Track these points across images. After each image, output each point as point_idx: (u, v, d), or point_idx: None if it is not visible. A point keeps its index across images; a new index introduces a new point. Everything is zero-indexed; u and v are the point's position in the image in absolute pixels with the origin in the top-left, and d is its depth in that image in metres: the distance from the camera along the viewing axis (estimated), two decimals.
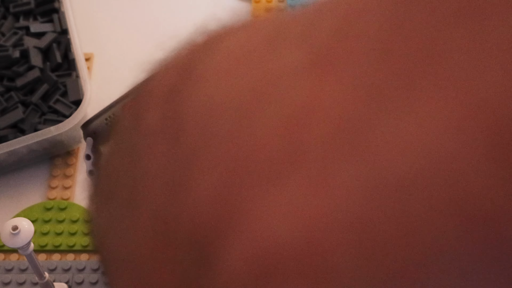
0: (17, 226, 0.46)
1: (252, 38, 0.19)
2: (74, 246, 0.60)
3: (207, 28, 0.23)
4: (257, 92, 0.17)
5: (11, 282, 0.58)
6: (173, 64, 0.21)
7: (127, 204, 0.19)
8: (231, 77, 0.18)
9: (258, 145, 0.16)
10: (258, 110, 0.16)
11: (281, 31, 0.18)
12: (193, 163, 0.17)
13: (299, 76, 0.16)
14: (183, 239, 0.17)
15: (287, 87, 0.16)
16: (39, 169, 0.65)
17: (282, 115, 0.16)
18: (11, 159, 0.63)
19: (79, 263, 0.59)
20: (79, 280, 0.58)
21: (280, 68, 0.17)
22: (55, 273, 0.58)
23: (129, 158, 0.20)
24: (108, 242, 0.21)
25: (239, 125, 0.17)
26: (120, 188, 0.20)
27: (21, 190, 0.64)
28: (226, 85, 0.18)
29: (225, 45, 0.20)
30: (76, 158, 0.65)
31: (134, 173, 0.19)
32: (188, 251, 0.17)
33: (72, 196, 0.63)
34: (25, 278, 0.58)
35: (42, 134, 0.61)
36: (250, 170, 0.16)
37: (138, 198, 0.19)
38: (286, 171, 0.16)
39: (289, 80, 0.16)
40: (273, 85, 0.17)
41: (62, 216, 0.61)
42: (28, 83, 0.66)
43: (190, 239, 0.17)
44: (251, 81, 0.17)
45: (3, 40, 0.68)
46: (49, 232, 0.61)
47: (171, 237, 0.17)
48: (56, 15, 0.70)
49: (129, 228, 0.19)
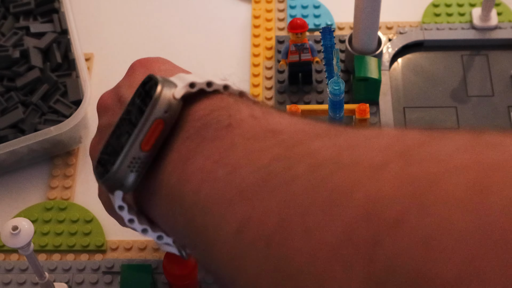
0: (17, 226, 0.46)
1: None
2: (74, 246, 0.60)
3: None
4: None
5: (11, 282, 0.58)
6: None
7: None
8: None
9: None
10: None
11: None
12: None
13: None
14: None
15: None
16: (39, 169, 0.65)
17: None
18: (11, 159, 0.63)
19: (79, 263, 0.59)
20: (79, 280, 0.58)
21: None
22: (55, 273, 0.58)
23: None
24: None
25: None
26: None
27: (21, 190, 0.64)
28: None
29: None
30: (76, 158, 0.65)
31: None
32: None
33: (72, 196, 0.63)
34: (25, 278, 0.58)
35: (42, 134, 0.61)
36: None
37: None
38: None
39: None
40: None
41: (62, 216, 0.61)
42: (28, 83, 0.66)
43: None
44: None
45: (3, 40, 0.68)
46: (49, 232, 0.61)
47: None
48: (56, 15, 0.70)
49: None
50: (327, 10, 0.73)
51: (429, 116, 0.66)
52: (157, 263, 0.57)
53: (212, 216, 0.30)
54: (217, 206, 0.30)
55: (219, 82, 0.36)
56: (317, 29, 0.72)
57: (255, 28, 0.73)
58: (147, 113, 0.35)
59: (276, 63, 0.70)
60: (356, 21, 0.64)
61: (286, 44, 0.66)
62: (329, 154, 0.27)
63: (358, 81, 0.64)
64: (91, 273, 0.58)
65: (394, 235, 0.22)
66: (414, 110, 0.66)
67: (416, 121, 0.65)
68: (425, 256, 0.21)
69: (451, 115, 0.66)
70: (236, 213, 0.29)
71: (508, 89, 0.67)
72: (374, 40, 0.66)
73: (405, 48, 0.70)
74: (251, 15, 0.74)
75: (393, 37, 0.70)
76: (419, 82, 0.68)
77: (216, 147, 0.32)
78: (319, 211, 0.25)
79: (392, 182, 0.23)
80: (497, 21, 0.70)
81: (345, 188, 0.25)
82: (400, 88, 0.67)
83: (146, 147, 0.35)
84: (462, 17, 0.71)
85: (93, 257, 0.59)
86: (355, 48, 0.66)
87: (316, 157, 0.27)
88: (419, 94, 0.67)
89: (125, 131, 0.36)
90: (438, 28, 0.71)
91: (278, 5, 0.74)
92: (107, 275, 0.58)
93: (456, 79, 0.68)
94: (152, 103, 0.35)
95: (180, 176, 0.33)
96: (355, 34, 0.66)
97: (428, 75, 0.68)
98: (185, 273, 0.52)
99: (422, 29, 0.71)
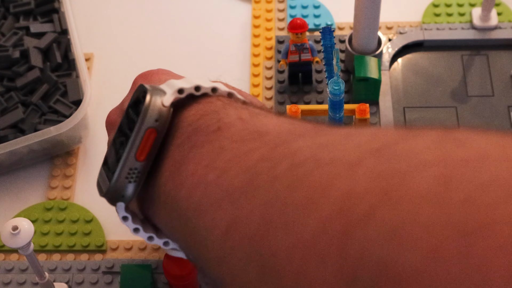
0: (17, 226, 0.46)
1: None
2: (74, 246, 0.60)
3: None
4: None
5: (11, 282, 0.58)
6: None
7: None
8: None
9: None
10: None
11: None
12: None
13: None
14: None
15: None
16: (39, 169, 0.65)
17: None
18: (11, 159, 0.63)
19: (79, 263, 0.59)
20: (79, 280, 0.58)
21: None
22: (55, 273, 0.58)
23: None
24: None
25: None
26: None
27: (21, 190, 0.64)
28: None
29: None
30: (76, 158, 0.65)
31: None
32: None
33: (72, 196, 0.63)
34: (25, 278, 0.58)
35: (42, 134, 0.61)
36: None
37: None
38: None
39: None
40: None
41: (62, 216, 0.61)
42: (28, 83, 0.66)
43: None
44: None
45: (3, 40, 0.68)
46: (49, 232, 0.61)
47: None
48: (56, 15, 0.70)
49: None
50: (327, 10, 0.73)
51: (429, 116, 0.66)
52: (157, 263, 0.57)
53: (203, 220, 0.32)
54: (208, 209, 0.31)
55: (207, 85, 0.37)
56: (317, 29, 0.72)
57: (255, 28, 0.73)
58: (138, 124, 0.36)
59: (276, 63, 0.70)
60: (356, 21, 0.64)
61: (286, 44, 0.66)
62: (309, 153, 0.28)
63: (358, 81, 0.64)
64: (91, 273, 0.58)
65: (364, 228, 0.23)
66: (414, 110, 0.66)
67: (416, 121, 0.65)
68: (392, 247, 0.22)
69: (451, 115, 0.66)
70: (224, 215, 0.30)
71: (508, 89, 0.67)
72: (374, 40, 0.66)
73: (405, 48, 0.70)
74: (251, 15, 0.74)
75: (393, 37, 0.70)
76: (419, 82, 0.68)
77: (206, 152, 0.33)
78: (297, 208, 0.27)
79: (365, 178, 0.25)
80: (497, 21, 0.70)
81: (322, 185, 0.26)
82: (400, 88, 0.67)
83: (141, 157, 0.36)
84: (462, 17, 0.71)
85: (93, 257, 0.59)
86: (355, 48, 0.66)
87: (298, 156, 0.28)
88: (419, 94, 0.67)
89: (120, 143, 0.37)
90: (438, 28, 0.71)
91: (278, 5, 0.74)
92: (107, 275, 0.58)
93: (456, 79, 0.68)
94: (143, 113, 0.36)
95: (174, 182, 0.34)
96: (355, 34, 0.66)
97: (428, 75, 0.68)
98: (185, 273, 0.52)
99: (422, 29, 0.71)
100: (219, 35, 0.73)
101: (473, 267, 0.20)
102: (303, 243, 0.25)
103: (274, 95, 0.68)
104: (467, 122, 0.65)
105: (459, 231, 0.21)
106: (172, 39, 0.73)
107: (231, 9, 0.75)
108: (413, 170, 0.24)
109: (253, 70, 0.69)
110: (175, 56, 0.72)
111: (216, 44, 0.72)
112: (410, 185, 0.23)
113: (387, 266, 0.22)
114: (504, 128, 0.65)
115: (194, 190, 0.33)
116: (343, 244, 0.24)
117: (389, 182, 0.24)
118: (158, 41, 0.73)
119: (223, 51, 0.72)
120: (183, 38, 0.73)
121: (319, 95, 0.67)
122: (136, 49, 0.72)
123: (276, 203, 0.28)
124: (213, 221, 0.31)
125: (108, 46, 0.73)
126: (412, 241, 0.22)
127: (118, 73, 0.71)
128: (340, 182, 0.26)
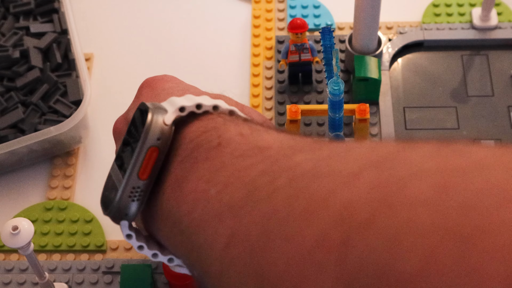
0: (17, 226, 0.46)
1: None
2: (74, 246, 0.60)
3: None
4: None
5: (11, 282, 0.58)
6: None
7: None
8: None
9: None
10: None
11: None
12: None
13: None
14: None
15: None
16: (39, 169, 0.65)
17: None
18: (11, 159, 0.63)
19: (79, 263, 0.59)
20: (79, 280, 0.58)
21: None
22: (55, 273, 0.58)
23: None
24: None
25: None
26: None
27: (21, 190, 0.64)
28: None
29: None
30: (76, 158, 0.65)
31: None
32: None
33: (72, 196, 0.63)
34: (25, 278, 0.58)
35: (42, 134, 0.61)
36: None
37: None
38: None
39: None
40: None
41: (62, 216, 0.61)
42: (28, 83, 0.66)
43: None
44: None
45: (3, 40, 0.68)
46: (49, 232, 0.61)
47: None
48: (56, 15, 0.70)
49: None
50: (327, 10, 0.73)
51: (429, 116, 0.66)
52: (157, 263, 0.57)
53: (205, 234, 0.32)
54: (209, 224, 0.32)
55: (209, 103, 0.38)
56: (317, 29, 0.72)
57: (255, 28, 0.73)
58: (140, 143, 0.36)
59: (276, 63, 0.70)
60: (356, 21, 0.64)
61: (286, 44, 0.66)
62: (309, 166, 0.28)
63: (358, 81, 0.64)
64: (91, 273, 0.58)
65: (363, 235, 0.24)
66: (414, 110, 0.66)
67: (416, 121, 0.65)
68: (391, 253, 0.23)
69: (451, 115, 0.66)
70: (225, 228, 0.30)
71: (508, 89, 0.67)
72: (374, 40, 0.66)
73: (405, 48, 0.70)
74: (251, 15, 0.74)
75: (393, 37, 0.70)
76: (419, 82, 0.68)
77: (207, 167, 0.34)
78: (297, 219, 0.27)
79: (364, 188, 0.25)
80: (497, 21, 0.70)
81: (322, 195, 0.26)
82: (400, 88, 0.67)
83: (144, 175, 0.36)
84: (462, 17, 0.71)
85: (93, 257, 0.59)
86: (355, 48, 0.66)
87: (297, 169, 0.29)
88: (419, 94, 0.67)
89: (122, 162, 0.37)
90: (438, 28, 0.71)
91: (278, 5, 0.74)
92: (107, 275, 0.58)
93: (456, 79, 0.68)
94: (145, 132, 0.36)
95: (177, 199, 0.35)
96: (355, 34, 0.66)
97: (428, 75, 0.68)
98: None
99: (422, 29, 0.71)
100: (219, 35, 0.73)
101: (469, 271, 0.21)
102: (302, 253, 0.26)
103: (274, 95, 0.68)
104: (467, 122, 0.65)
105: (455, 235, 0.21)
106: (172, 39, 0.73)
107: (231, 9, 0.75)
108: (411, 178, 0.24)
109: (253, 70, 0.69)
110: (175, 56, 0.72)
111: (216, 44, 0.72)
112: (408, 192, 0.24)
113: (386, 272, 0.23)
114: (504, 128, 0.65)
115: (196, 206, 0.33)
116: (342, 253, 0.24)
117: (388, 190, 0.24)
118: (158, 41, 0.73)
119: (223, 51, 0.72)
120: (183, 38, 0.73)
121: (319, 95, 0.67)
122: (136, 49, 0.72)
123: (276, 215, 0.28)
124: (214, 235, 0.31)
125: (108, 46, 0.73)
126: (409, 246, 0.22)
127: (118, 73, 0.71)
128: (339, 192, 0.26)
